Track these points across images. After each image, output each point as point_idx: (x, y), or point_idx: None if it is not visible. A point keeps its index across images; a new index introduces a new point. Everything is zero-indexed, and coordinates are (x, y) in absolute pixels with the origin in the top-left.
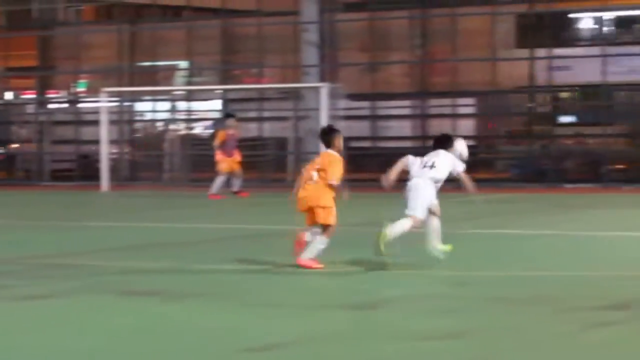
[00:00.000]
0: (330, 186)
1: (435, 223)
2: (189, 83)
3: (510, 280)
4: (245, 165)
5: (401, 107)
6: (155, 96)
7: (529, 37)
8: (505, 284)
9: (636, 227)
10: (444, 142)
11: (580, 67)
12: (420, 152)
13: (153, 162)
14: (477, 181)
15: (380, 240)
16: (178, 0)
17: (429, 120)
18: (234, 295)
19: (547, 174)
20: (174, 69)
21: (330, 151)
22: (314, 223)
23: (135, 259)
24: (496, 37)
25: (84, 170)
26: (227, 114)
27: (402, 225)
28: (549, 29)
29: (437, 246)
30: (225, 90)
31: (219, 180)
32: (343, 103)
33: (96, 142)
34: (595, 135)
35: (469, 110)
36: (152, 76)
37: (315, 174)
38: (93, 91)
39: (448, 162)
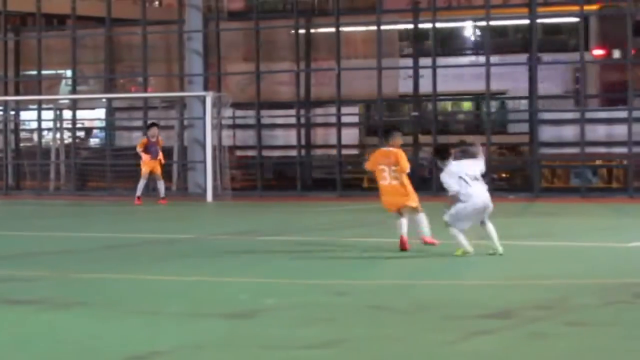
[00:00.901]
0: (406, 175)
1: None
2: (74, 92)
3: (391, 288)
4: (131, 174)
5: (286, 116)
6: (40, 105)
7: (413, 47)
8: (386, 292)
9: (519, 235)
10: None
11: None
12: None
13: (39, 171)
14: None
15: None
16: (62, 9)
17: (315, 129)
18: (115, 303)
19: (432, 182)
20: (59, 77)
21: (390, 148)
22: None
23: (16, 267)
24: (380, 47)
25: None
26: (151, 124)
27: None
28: (432, 39)
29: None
30: (110, 99)
31: (141, 184)
32: (228, 112)
33: None
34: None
35: (353, 119)
36: (37, 85)
37: (393, 172)
38: None
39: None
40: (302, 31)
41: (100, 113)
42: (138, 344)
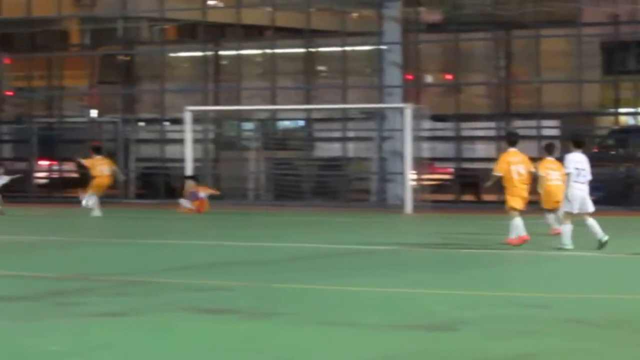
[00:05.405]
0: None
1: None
2: (272, 103)
3: (588, 302)
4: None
5: (484, 128)
6: (239, 116)
7: (614, 62)
8: (583, 305)
9: None
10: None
11: None
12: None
13: (236, 181)
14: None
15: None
16: (261, 20)
17: None
18: (312, 314)
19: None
20: (257, 88)
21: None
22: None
23: (215, 277)
24: (580, 60)
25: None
26: (189, 176)
27: None
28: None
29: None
30: (308, 110)
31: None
32: (426, 124)
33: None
34: None
35: (553, 132)
36: (236, 95)
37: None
38: (177, 110)
39: None
40: (501, 43)
41: (299, 124)
42: (336, 355)
